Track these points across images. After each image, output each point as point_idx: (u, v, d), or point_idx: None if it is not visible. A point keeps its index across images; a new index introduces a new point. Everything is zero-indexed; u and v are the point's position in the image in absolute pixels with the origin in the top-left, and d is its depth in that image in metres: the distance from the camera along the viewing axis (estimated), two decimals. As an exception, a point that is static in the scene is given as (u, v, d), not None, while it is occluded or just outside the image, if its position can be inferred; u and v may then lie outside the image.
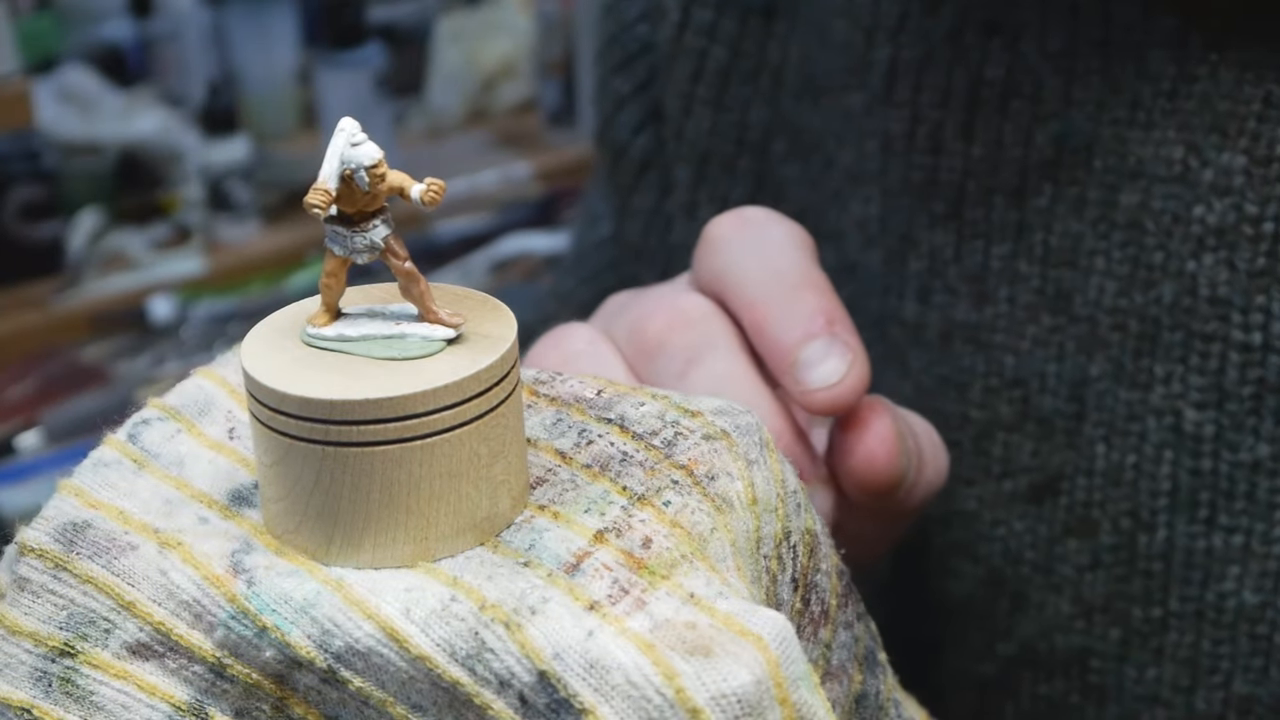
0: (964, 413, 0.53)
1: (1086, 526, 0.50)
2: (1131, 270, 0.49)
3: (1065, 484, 0.51)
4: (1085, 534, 0.51)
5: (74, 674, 0.33)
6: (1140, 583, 0.50)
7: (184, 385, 0.38)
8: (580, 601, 0.31)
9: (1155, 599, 0.50)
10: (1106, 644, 0.51)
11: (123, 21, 1.78)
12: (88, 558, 0.33)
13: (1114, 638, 0.51)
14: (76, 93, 1.67)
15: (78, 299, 1.60)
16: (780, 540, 0.35)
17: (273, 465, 0.32)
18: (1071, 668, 0.51)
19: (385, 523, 0.32)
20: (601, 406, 0.36)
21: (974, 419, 0.52)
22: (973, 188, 0.52)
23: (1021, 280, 0.51)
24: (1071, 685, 0.52)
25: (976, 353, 0.52)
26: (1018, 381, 0.52)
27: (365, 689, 0.31)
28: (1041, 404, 0.51)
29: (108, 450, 0.36)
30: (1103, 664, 0.51)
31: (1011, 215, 0.51)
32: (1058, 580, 0.51)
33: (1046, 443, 0.51)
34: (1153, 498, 0.49)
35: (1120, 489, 0.50)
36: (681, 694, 0.29)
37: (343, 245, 0.33)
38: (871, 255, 0.55)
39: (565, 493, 0.34)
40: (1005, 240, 0.52)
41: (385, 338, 0.33)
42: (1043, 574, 0.52)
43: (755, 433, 0.36)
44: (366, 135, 0.32)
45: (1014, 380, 0.52)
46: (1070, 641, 0.51)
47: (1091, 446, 0.50)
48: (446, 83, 1.91)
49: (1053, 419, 0.51)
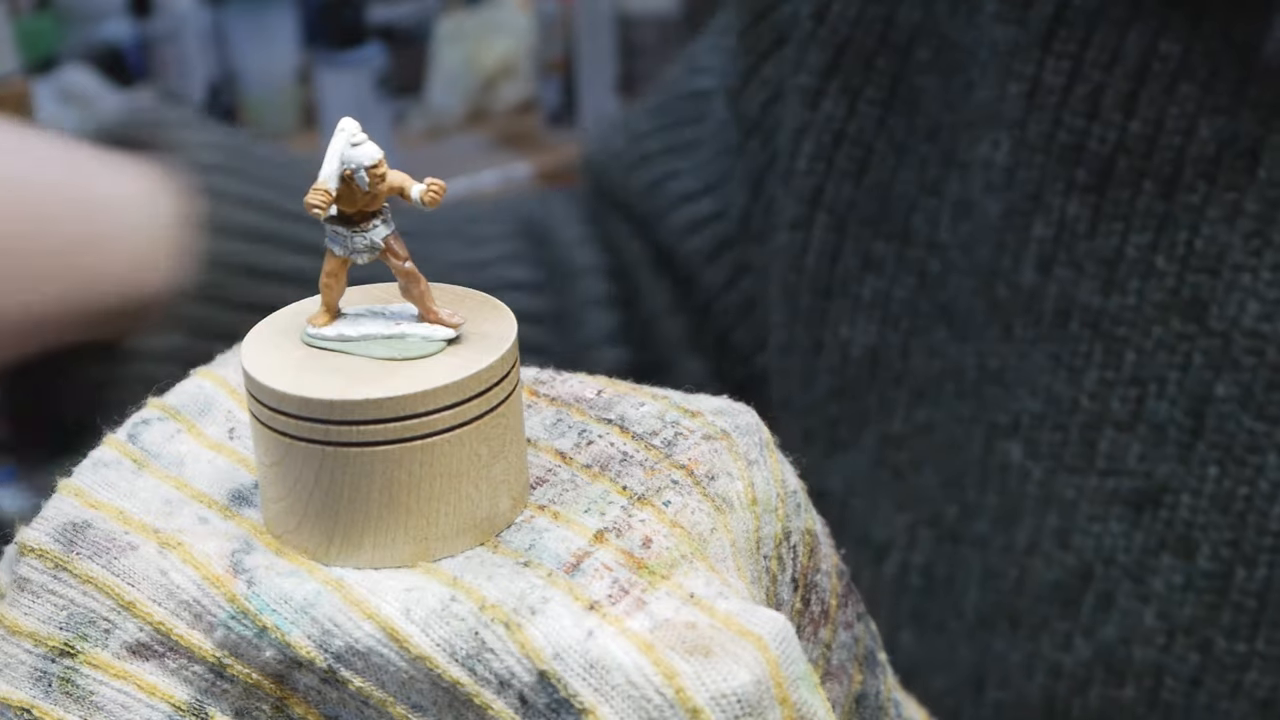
0: (1074, 398, 0.51)
1: (1185, 546, 0.49)
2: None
3: (1169, 498, 0.49)
4: (1182, 553, 0.49)
5: (74, 674, 0.33)
6: (1230, 615, 0.48)
7: (184, 385, 0.38)
8: (580, 601, 0.31)
9: (1242, 634, 0.48)
10: (1184, 666, 0.49)
11: (122, 21, 1.78)
12: (88, 558, 0.33)
13: (1193, 662, 0.49)
14: (76, 93, 1.67)
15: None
16: (780, 540, 0.35)
17: (273, 465, 0.32)
18: (1145, 680, 0.50)
19: (385, 523, 0.32)
20: (601, 406, 0.36)
21: (1084, 407, 0.51)
22: (1123, 165, 0.49)
23: (1156, 276, 0.49)
24: (1141, 698, 0.50)
25: (1095, 340, 0.50)
26: (1135, 381, 0.50)
27: (365, 689, 0.31)
28: (1157, 410, 0.49)
29: (108, 450, 0.36)
30: (1176, 685, 0.50)
31: (1158, 205, 0.49)
32: (1147, 592, 0.50)
33: (1156, 451, 0.49)
34: (1259, 534, 0.48)
35: (1227, 517, 0.48)
36: (681, 694, 0.29)
37: (343, 245, 0.33)
38: (990, 203, 0.53)
39: (565, 493, 0.34)
40: (1147, 230, 0.49)
41: (385, 338, 0.33)
42: (1133, 581, 0.50)
43: (755, 433, 0.36)
44: (366, 135, 0.32)
45: (1132, 379, 0.50)
46: (1148, 655, 0.50)
47: (1204, 467, 0.48)
48: (446, 83, 1.91)
49: (1166, 428, 0.49)
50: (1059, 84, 0.50)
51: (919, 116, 0.55)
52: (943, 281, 0.55)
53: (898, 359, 0.57)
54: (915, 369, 0.56)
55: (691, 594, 0.31)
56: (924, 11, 0.55)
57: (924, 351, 0.56)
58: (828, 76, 0.57)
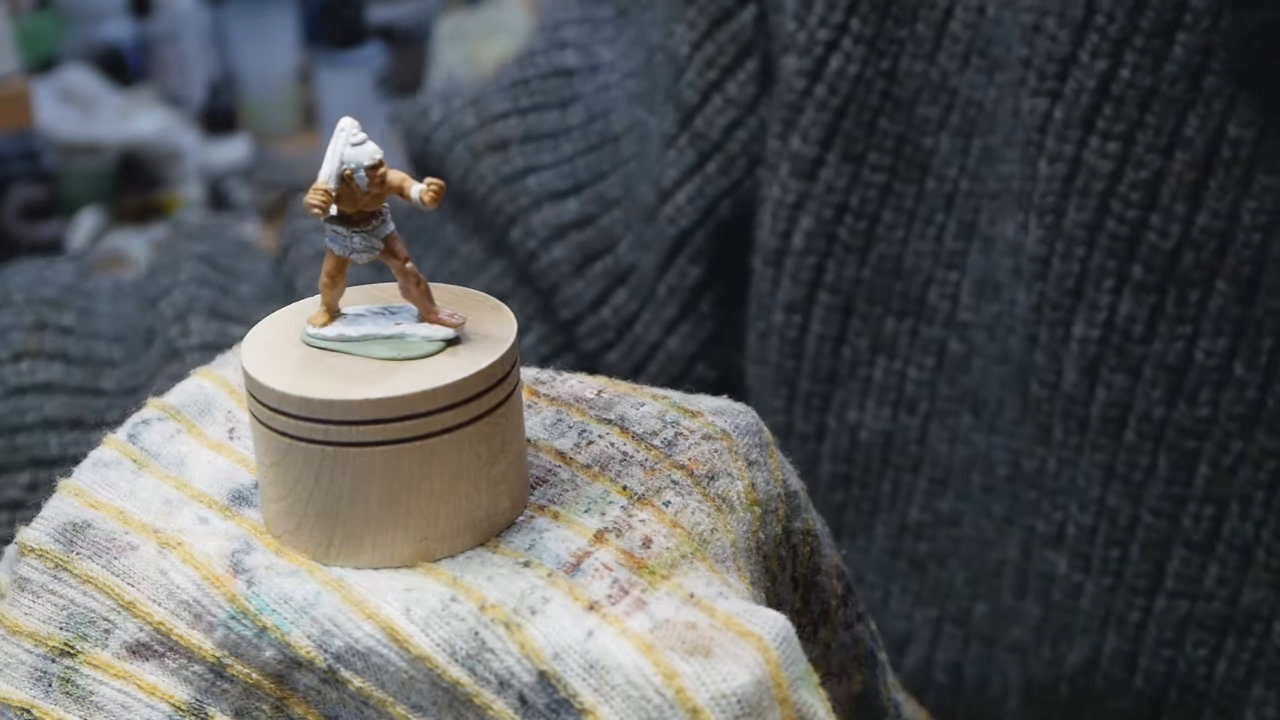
0: (1134, 515, 0.47)
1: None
2: None
3: (1258, 625, 0.46)
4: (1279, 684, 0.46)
5: (74, 674, 0.33)
6: None
7: (184, 385, 0.38)
8: (580, 601, 0.31)
9: None
10: None
11: (123, 21, 1.78)
12: (88, 558, 0.33)
13: None
14: (76, 93, 1.67)
15: (77, 299, 1.60)
16: (780, 540, 0.35)
17: (273, 465, 0.32)
18: None
19: (385, 523, 0.32)
20: (601, 407, 0.36)
21: (1146, 523, 0.47)
22: (1189, 261, 0.45)
23: (1235, 385, 0.45)
24: None
25: (1159, 452, 0.46)
26: (1211, 498, 0.46)
27: (365, 689, 0.31)
28: (1242, 531, 0.45)
29: (108, 450, 0.36)
30: None
31: (1234, 309, 0.45)
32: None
33: (1241, 574, 0.46)
34: None
35: None
36: (681, 694, 0.29)
37: (343, 245, 0.33)
38: (1018, 291, 0.48)
39: (565, 493, 0.34)
40: (1222, 335, 0.45)
41: (385, 338, 0.33)
42: (1221, 713, 0.47)
43: (755, 433, 0.36)
44: (366, 135, 0.32)
45: (1206, 496, 0.46)
46: None
47: None
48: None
49: (1253, 550, 0.45)
50: (1106, 168, 0.45)
51: (930, 181, 0.51)
52: (966, 364, 0.51)
53: (914, 444, 0.53)
54: (936, 455, 0.52)
55: (691, 594, 0.31)
56: (928, 63, 0.51)
57: (946, 437, 0.52)
58: (826, 143, 0.52)
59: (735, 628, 0.30)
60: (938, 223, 0.51)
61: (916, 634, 0.54)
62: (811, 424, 0.54)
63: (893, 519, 0.53)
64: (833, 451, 0.54)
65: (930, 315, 0.52)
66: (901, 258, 0.52)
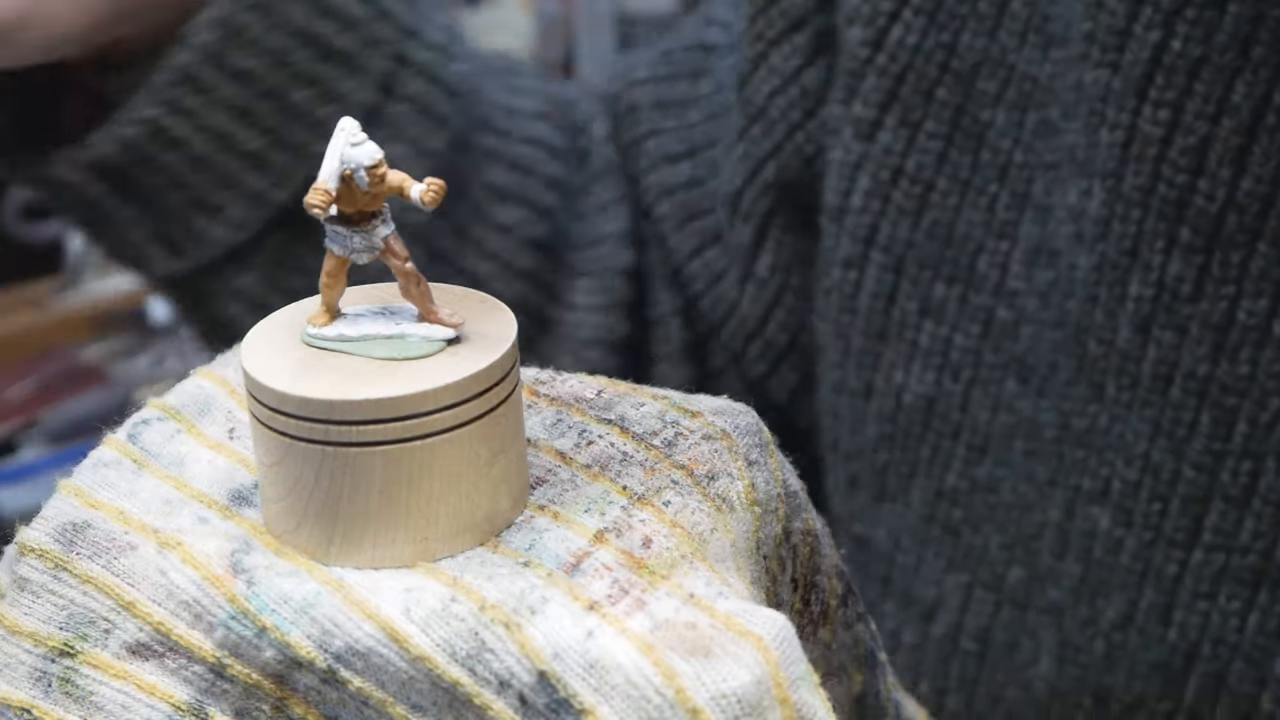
0: (1176, 470, 0.48)
1: None
2: None
3: None
4: None
5: (74, 674, 0.33)
6: None
7: (184, 385, 0.38)
8: (580, 601, 0.31)
9: None
10: None
11: (123, 21, 1.78)
12: (88, 558, 0.33)
13: None
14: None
15: (78, 299, 1.60)
16: (780, 540, 0.35)
17: (273, 465, 0.32)
18: None
19: (385, 523, 0.32)
20: (601, 407, 0.36)
21: (1187, 477, 0.48)
22: (1233, 224, 0.46)
23: (1274, 344, 0.46)
24: None
25: (1202, 408, 0.47)
26: (1249, 454, 0.47)
27: (365, 689, 0.31)
28: (1278, 487, 0.46)
29: (108, 450, 0.36)
30: None
31: (1275, 271, 0.46)
32: (1264, 676, 0.47)
33: (1276, 529, 0.47)
34: None
35: None
36: (681, 694, 0.29)
37: (343, 245, 0.33)
38: (1080, 255, 0.50)
39: (565, 493, 0.34)
40: (1263, 296, 0.46)
41: (385, 338, 0.33)
42: (1251, 665, 0.48)
43: (755, 433, 0.36)
44: (366, 135, 0.32)
45: (1244, 451, 0.47)
46: None
47: None
48: (446, 83, 1.91)
49: None
50: (1157, 135, 0.47)
51: (985, 152, 0.53)
52: (1014, 332, 0.53)
53: (956, 410, 0.54)
54: (977, 422, 0.53)
55: (691, 594, 0.31)
56: (988, 39, 0.53)
57: (988, 404, 0.53)
58: (884, 107, 0.54)
59: (735, 628, 0.30)
60: (990, 193, 0.53)
61: (945, 600, 0.54)
62: (862, 381, 0.56)
63: (929, 484, 0.55)
64: (878, 412, 0.56)
65: (980, 283, 0.53)
66: (954, 225, 0.54)
